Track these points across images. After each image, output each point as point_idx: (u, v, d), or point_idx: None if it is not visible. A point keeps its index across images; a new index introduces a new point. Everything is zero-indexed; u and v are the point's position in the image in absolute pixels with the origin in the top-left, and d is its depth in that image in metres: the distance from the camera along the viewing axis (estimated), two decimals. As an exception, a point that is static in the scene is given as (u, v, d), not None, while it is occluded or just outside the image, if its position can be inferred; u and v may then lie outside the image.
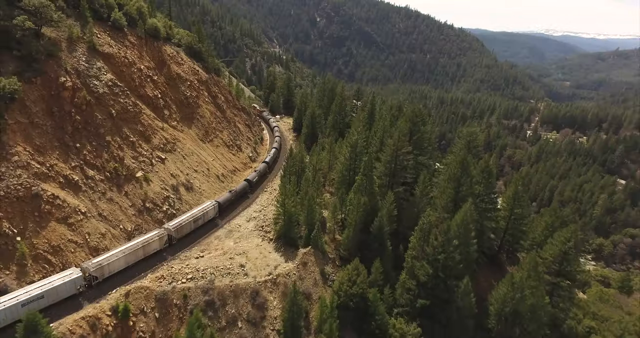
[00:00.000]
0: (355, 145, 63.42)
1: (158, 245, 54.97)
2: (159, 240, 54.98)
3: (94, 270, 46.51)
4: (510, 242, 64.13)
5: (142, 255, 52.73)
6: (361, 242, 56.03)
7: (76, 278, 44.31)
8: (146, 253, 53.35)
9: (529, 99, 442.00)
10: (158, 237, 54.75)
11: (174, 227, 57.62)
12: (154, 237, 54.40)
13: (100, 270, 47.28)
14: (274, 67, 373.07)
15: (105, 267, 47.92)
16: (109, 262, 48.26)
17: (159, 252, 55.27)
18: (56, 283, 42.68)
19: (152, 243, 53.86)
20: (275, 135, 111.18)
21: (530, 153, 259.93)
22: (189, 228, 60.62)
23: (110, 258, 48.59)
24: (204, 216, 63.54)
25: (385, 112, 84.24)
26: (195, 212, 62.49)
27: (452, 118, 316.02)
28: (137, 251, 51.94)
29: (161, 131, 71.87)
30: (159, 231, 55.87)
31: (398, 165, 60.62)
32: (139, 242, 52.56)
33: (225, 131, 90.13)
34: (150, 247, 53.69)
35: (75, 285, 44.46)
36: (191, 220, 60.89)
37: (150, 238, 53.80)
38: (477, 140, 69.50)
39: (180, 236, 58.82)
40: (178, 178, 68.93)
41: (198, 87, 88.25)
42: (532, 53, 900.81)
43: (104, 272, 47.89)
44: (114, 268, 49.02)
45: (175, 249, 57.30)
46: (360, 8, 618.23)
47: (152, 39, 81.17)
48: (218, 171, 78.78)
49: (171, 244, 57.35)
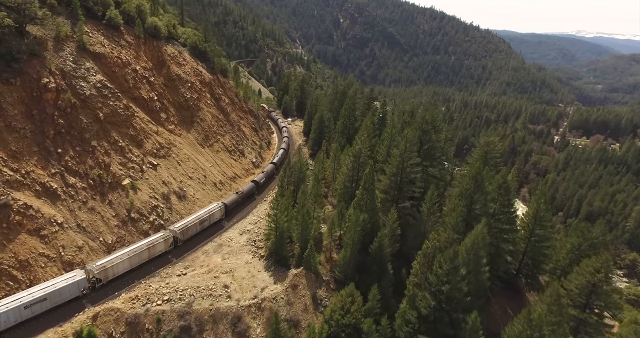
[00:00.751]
0: (359, 154, 57.89)
1: (163, 247, 54.18)
2: (164, 242, 54.13)
3: (97, 273, 45.76)
4: (530, 265, 57.26)
5: (147, 257, 51.85)
6: (360, 263, 50.49)
7: (80, 281, 43.87)
8: (151, 255, 52.43)
9: (557, 103, 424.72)
10: (163, 239, 53.90)
11: (180, 229, 56.53)
12: (159, 239, 53.48)
13: (104, 273, 46.55)
14: (294, 67, 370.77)
15: (110, 270, 47.15)
16: (113, 265, 47.45)
17: (164, 254, 54.40)
18: (59, 286, 42.26)
19: (157, 245, 52.96)
20: (283, 135, 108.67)
21: (557, 160, 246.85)
22: (195, 230, 59.58)
23: (115, 261, 47.74)
24: (210, 218, 63.17)
25: (397, 117, 78.29)
26: (201, 214, 61.83)
27: (476, 122, 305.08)
28: (142, 253, 51.03)
29: (155, 135, 68.07)
30: (164, 233, 55.07)
31: (405, 178, 54.74)
32: (143, 244, 51.66)
33: (228, 135, 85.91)
34: (155, 249, 52.78)
35: (79, 288, 44.06)
36: (197, 222, 60.38)
37: (155, 240, 52.89)
38: (495, 150, 62.83)
39: (185, 238, 57.91)
40: (170, 186, 64.91)
41: (200, 88, 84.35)
42: (561, 55, 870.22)
43: (108, 274, 47.14)
44: (118, 270, 48.23)
45: (180, 251, 56.22)
46: (384, 9, 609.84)
47: (152, 39, 77.71)
48: (216, 178, 74.48)
49: (176, 246, 56.42)
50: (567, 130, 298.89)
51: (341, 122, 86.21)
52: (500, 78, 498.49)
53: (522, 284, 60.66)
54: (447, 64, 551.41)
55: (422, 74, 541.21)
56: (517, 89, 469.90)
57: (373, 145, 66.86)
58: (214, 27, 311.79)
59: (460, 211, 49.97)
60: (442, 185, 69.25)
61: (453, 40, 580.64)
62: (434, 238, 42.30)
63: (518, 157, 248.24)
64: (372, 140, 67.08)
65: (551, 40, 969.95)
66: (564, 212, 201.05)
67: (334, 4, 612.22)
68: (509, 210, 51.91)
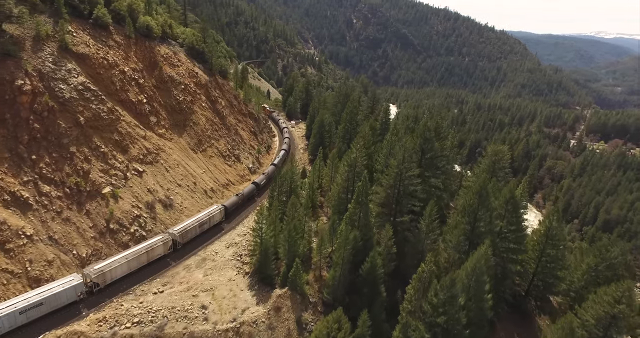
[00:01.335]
0: (354, 163, 53.52)
1: (162, 251, 53.48)
2: (163, 246, 53.44)
3: (95, 277, 45.13)
4: (540, 287, 52.15)
5: (145, 260, 51.19)
6: (350, 284, 46.16)
7: (77, 285, 43.25)
8: (150, 258, 51.77)
9: (574, 106, 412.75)
10: (162, 242, 53.23)
11: (179, 232, 55.85)
12: (158, 242, 52.81)
13: (102, 277, 45.84)
14: (305, 68, 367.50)
15: (107, 273, 46.44)
16: (111, 268, 46.77)
17: (163, 257, 53.78)
18: (56, 290, 41.67)
19: (156, 249, 52.27)
20: (284, 136, 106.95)
21: (573, 165, 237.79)
22: (194, 232, 58.86)
23: (113, 265, 47.05)
24: (209, 220, 61.50)
25: (400, 122, 73.65)
26: (201, 216, 60.79)
27: (489, 125, 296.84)
28: (141, 257, 50.39)
29: (142, 140, 64.71)
30: (163, 236, 54.36)
31: (403, 191, 50.19)
32: (142, 247, 51.05)
33: (223, 140, 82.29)
34: (154, 252, 52.11)
35: (76, 292, 43.39)
36: (196, 225, 58.68)
37: (154, 243, 52.20)
38: (504, 159, 57.83)
39: (185, 241, 57.24)
40: (156, 194, 61.42)
41: (194, 90, 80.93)
42: (579, 56, 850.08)
43: (106, 278, 46.44)
44: (116, 274, 47.53)
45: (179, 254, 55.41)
46: (397, 9, 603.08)
47: (144, 39, 74.54)
48: (207, 185, 70.87)
49: (176, 249, 55.79)
50: (584, 134, 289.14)
51: (342, 126, 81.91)
52: (515, 80, 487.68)
53: (532, 307, 55.53)
54: (461, 65, 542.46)
55: (435, 75, 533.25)
56: (533, 91, 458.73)
57: (372, 153, 62.42)
58: (225, 28, 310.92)
59: (463, 228, 45.27)
60: (447, 195, 64.59)
61: (467, 42, 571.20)
62: (430, 261, 37.72)
63: (532, 162, 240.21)
64: (372, 147, 62.61)
65: (568, 42, 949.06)
66: (579, 219, 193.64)
67: (347, 4, 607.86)
68: (517, 228, 46.96)
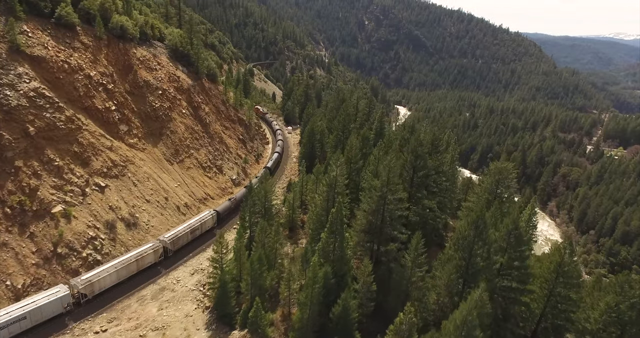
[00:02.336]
0: (334, 183, 46.65)
1: (153, 259, 52.19)
2: (154, 253, 52.16)
3: (82, 287, 43.67)
4: (549, 331, 44.51)
5: (135, 269, 49.87)
6: (322, 327, 39.30)
7: (63, 297, 41.76)
8: (140, 267, 50.48)
9: (591, 109, 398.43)
10: (152, 249, 51.95)
11: (170, 239, 54.60)
12: (148, 250, 51.53)
13: (89, 287, 44.43)
14: (314, 70, 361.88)
15: (96, 284, 44.97)
16: (99, 278, 45.28)
17: (153, 265, 52.53)
18: (40, 303, 40.12)
19: (146, 257, 51.08)
20: (277, 138, 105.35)
21: (589, 172, 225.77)
22: (186, 239, 57.89)
23: (101, 274, 45.61)
24: (201, 226, 60.49)
25: (394, 133, 66.49)
26: (192, 222, 59.05)
27: (502, 129, 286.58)
28: (130, 265, 49.08)
29: (108, 151, 58.80)
30: (153, 243, 53.13)
31: (388, 217, 43.13)
32: (132, 255, 49.72)
33: (204, 149, 76.12)
34: (144, 260, 50.92)
35: (62, 304, 41.92)
36: (188, 231, 57.67)
37: (144, 251, 50.94)
38: (509, 178, 50.28)
39: (176, 248, 56.16)
40: (118, 211, 55.34)
41: (174, 96, 74.99)
42: (597, 59, 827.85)
43: (94, 288, 45.07)
44: (104, 284, 46.12)
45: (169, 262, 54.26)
46: (410, 11, 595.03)
47: (117, 40, 68.88)
48: (180, 200, 64.70)
49: (167, 257, 54.75)
50: (601, 139, 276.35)
51: (334, 135, 75.06)
52: (529, 83, 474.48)
53: (540, 351, 47.85)
54: (474, 67, 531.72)
55: (447, 77, 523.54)
56: (548, 95, 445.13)
57: (360, 168, 55.44)
58: (234, 29, 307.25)
59: (456, 265, 38.08)
60: (446, 215, 57.28)
61: (481, 44, 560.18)
62: (409, 312, 30.67)
63: (546, 168, 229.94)
64: (360, 161, 55.57)
65: (586, 44, 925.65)
66: (596, 230, 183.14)
67: (359, 6, 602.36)
68: (521, 265, 39.51)
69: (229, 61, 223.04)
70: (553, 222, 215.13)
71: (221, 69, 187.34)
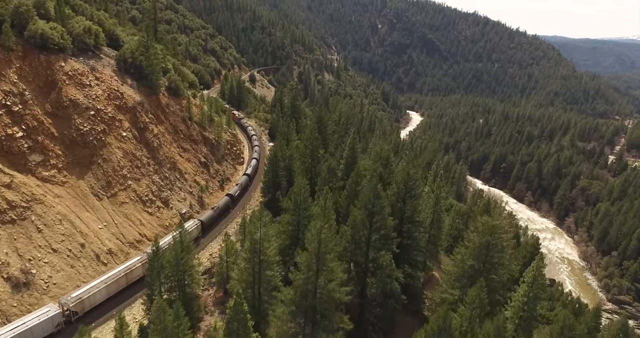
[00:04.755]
0: (258, 249, 34.33)
1: (141, 272, 50.58)
2: (142, 267, 50.69)
3: (73, 305, 42.91)
4: None
5: (124, 283, 49.48)
6: None
7: (54, 316, 40.84)
8: (129, 281, 50.04)
9: (613, 115, 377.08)
10: (140, 263, 51.03)
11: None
12: (136, 263, 50.93)
13: (80, 305, 43.78)
14: (322, 75, 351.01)
15: (86, 300, 44.37)
16: (90, 295, 44.70)
17: (142, 278, 49.74)
18: (31, 324, 38.92)
19: (134, 270, 50.46)
20: (253, 144, 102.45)
21: (611, 186, 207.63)
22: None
23: (91, 291, 45.07)
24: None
25: (368, 164, 53.50)
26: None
27: (516, 137, 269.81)
28: (119, 280, 48.57)
29: (5, 190, 47.61)
30: (141, 256, 52.04)
31: (320, 301, 30.58)
32: (120, 270, 49.11)
33: (147, 179, 64.75)
34: (132, 274, 50.32)
35: (53, 324, 40.92)
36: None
37: (132, 265, 50.39)
38: (503, 240, 37.04)
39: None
40: (5, 268, 43.89)
41: (112, 117, 63.84)
42: (619, 62, 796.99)
43: (85, 305, 44.45)
44: (95, 300, 45.72)
45: None
46: (424, 14, 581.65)
47: (37, 51, 58.07)
48: (103, 246, 53.20)
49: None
50: (624, 149, 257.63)
51: (299, 163, 62.53)
52: (547, 87, 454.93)
53: None
54: (490, 72, 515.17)
55: (462, 82, 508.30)
56: (567, 100, 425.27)
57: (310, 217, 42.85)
58: (241, 33, 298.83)
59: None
60: (421, 276, 44.31)
61: (497, 47, 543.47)
62: None
63: (563, 181, 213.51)
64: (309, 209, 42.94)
65: (607, 46, 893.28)
66: (619, 251, 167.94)
67: (372, 9, 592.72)
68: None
69: (229, 67, 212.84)
70: (571, 239, 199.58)
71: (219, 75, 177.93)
